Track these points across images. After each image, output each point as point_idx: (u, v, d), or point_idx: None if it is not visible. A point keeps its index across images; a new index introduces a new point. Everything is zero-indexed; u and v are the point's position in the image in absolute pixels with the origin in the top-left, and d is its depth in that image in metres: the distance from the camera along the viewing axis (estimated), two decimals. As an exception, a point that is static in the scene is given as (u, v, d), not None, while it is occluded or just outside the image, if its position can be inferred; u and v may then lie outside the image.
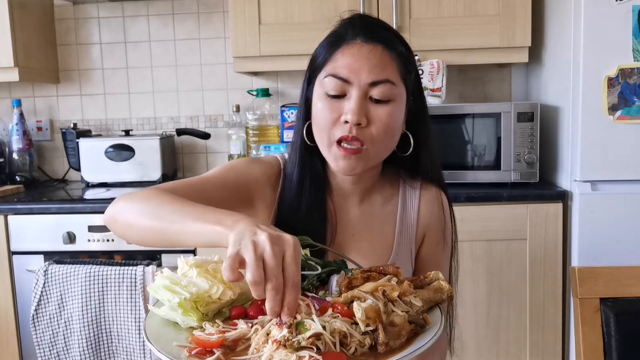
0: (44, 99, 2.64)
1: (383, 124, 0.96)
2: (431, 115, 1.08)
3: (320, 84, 0.99)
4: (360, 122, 0.95)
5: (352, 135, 0.95)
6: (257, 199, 1.06)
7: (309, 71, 1.04)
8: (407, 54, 1.01)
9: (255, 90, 2.44)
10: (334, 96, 0.97)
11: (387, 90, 0.96)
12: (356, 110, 0.94)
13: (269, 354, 0.64)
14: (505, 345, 1.97)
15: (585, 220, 1.85)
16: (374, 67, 0.95)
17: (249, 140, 2.42)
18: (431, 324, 0.74)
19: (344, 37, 0.98)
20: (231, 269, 0.67)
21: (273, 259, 0.67)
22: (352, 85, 0.96)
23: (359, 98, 0.95)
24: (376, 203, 1.09)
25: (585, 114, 1.82)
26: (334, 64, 0.97)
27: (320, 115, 0.98)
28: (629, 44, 1.78)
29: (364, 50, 0.96)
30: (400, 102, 0.99)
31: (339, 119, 0.96)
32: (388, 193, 1.10)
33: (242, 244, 0.69)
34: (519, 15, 2.08)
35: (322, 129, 0.98)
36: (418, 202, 1.09)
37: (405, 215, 1.08)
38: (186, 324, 0.76)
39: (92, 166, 2.38)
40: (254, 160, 1.11)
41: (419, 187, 1.10)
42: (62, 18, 2.59)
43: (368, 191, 1.09)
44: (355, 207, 1.08)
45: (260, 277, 0.66)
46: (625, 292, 1.07)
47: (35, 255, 2.01)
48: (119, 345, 1.91)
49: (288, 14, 2.13)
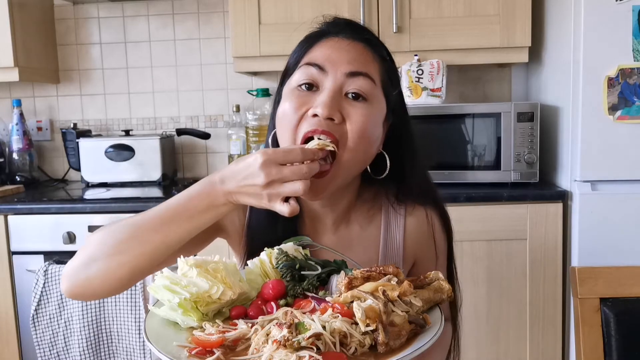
0: (44, 99, 2.64)
1: (358, 124, 0.84)
2: (431, 115, 1.04)
3: (289, 83, 0.89)
4: (333, 117, 0.83)
5: (321, 128, 0.82)
6: (226, 223, 0.98)
7: (282, 75, 0.94)
8: (390, 64, 0.93)
9: (255, 90, 2.44)
10: (306, 86, 0.86)
11: (365, 85, 0.85)
12: (328, 102, 0.82)
13: (269, 354, 0.64)
14: (505, 345, 1.97)
15: (585, 220, 1.85)
16: (353, 60, 0.86)
17: (249, 140, 2.42)
18: (431, 324, 0.74)
19: (324, 34, 0.91)
20: (289, 207, 0.75)
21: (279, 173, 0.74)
22: (327, 75, 0.85)
23: (333, 91, 0.84)
24: (354, 227, 0.98)
25: (585, 114, 1.82)
26: (310, 55, 0.88)
27: (286, 112, 0.86)
28: (629, 44, 1.78)
29: (343, 43, 0.88)
30: (379, 107, 0.88)
31: (306, 113, 0.84)
32: (369, 214, 0.98)
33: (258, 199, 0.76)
34: (519, 15, 2.08)
35: (286, 130, 0.86)
36: (403, 228, 0.97)
37: (390, 237, 0.97)
38: (186, 324, 0.76)
39: (92, 166, 2.38)
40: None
41: (403, 213, 0.98)
42: (62, 18, 2.59)
43: (343, 215, 0.97)
44: (330, 233, 0.97)
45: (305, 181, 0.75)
46: (625, 292, 1.07)
47: (35, 255, 2.01)
48: (119, 345, 1.91)
49: (288, 14, 2.13)
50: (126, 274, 0.81)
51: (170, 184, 2.40)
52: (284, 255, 0.85)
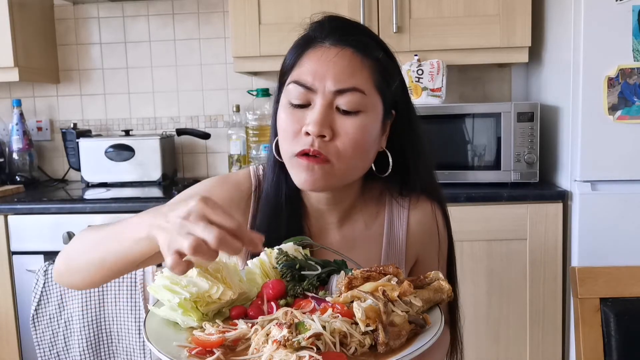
0: (44, 99, 2.64)
1: (350, 137, 0.86)
2: (431, 115, 1.04)
3: (285, 93, 0.90)
4: (324, 134, 0.85)
5: (313, 149, 0.85)
6: None
7: (279, 78, 0.95)
8: (385, 62, 0.91)
9: (255, 90, 2.44)
10: (298, 106, 0.88)
11: (354, 100, 0.86)
12: (319, 120, 0.85)
13: (269, 354, 0.64)
14: (505, 345, 1.97)
15: (585, 220, 1.85)
16: (341, 74, 0.86)
17: (249, 140, 2.42)
18: (431, 324, 0.74)
19: (312, 40, 0.91)
20: (175, 266, 0.64)
21: (197, 225, 0.63)
22: (316, 94, 0.86)
23: (323, 107, 0.86)
24: (358, 225, 0.99)
25: (585, 114, 1.82)
26: (299, 69, 0.89)
27: (283, 126, 0.89)
28: (629, 44, 1.78)
29: (331, 54, 0.87)
30: (373, 114, 0.89)
31: (301, 131, 0.87)
32: (373, 212, 1.00)
33: (165, 242, 0.65)
34: (519, 15, 2.08)
35: (284, 141, 0.89)
36: (407, 223, 0.99)
37: (393, 237, 0.99)
38: (186, 324, 0.76)
39: (92, 166, 2.38)
40: (221, 181, 1.01)
41: (407, 206, 1.00)
42: (62, 18, 2.59)
43: (348, 212, 0.99)
44: (334, 231, 0.99)
45: (197, 243, 0.62)
46: (625, 292, 1.07)
47: (35, 255, 2.01)
48: (119, 345, 1.91)
49: (288, 14, 2.13)
50: (84, 278, 0.83)
51: (170, 184, 2.40)
52: (284, 255, 0.85)
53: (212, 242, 0.62)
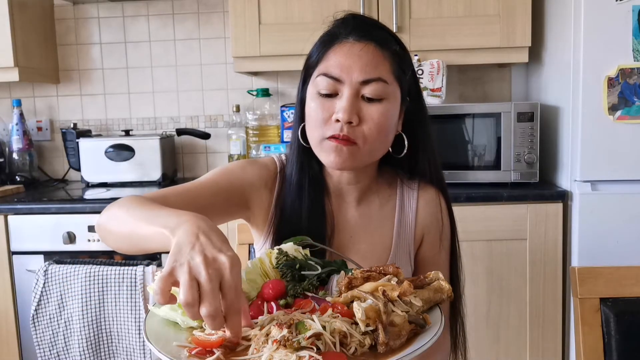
0: (44, 99, 2.64)
1: (375, 122, 0.96)
2: (431, 115, 1.07)
3: (313, 84, 0.99)
4: (352, 121, 0.95)
5: (342, 134, 0.95)
6: (253, 201, 1.05)
7: (304, 71, 1.04)
8: (401, 53, 1.01)
9: (255, 90, 2.44)
10: (326, 95, 0.97)
11: (379, 88, 0.96)
12: (347, 108, 0.94)
13: (269, 354, 0.64)
14: (505, 345, 1.97)
15: (585, 220, 1.85)
16: (366, 66, 0.95)
17: (249, 140, 2.42)
18: (431, 324, 0.74)
19: (336, 36, 0.99)
20: (162, 293, 0.65)
21: (208, 284, 0.63)
22: (344, 84, 0.96)
23: (351, 96, 0.95)
24: (374, 205, 1.09)
25: (585, 114, 1.82)
26: (326, 63, 0.98)
27: (313, 115, 0.98)
28: (629, 44, 1.78)
29: (356, 49, 0.96)
30: (394, 100, 0.99)
31: (331, 118, 0.96)
32: (386, 194, 1.10)
33: (177, 262, 0.65)
34: (519, 15, 2.08)
35: (314, 127, 0.98)
36: (416, 204, 1.08)
37: (404, 217, 1.08)
38: (186, 324, 0.76)
39: (92, 166, 2.38)
40: (250, 162, 1.10)
41: (416, 188, 1.09)
42: (62, 18, 2.59)
43: (365, 192, 1.08)
44: (352, 209, 1.08)
45: (193, 299, 0.63)
46: (625, 292, 1.07)
47: (35, 255, 2.01)
48: (119, 345, 1.91)
49: (288, 14, 2.13)
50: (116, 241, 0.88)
51: (170, 184, 2.40)
52: (284, 255, 0.85)
53: (204, 312, 0.63)
